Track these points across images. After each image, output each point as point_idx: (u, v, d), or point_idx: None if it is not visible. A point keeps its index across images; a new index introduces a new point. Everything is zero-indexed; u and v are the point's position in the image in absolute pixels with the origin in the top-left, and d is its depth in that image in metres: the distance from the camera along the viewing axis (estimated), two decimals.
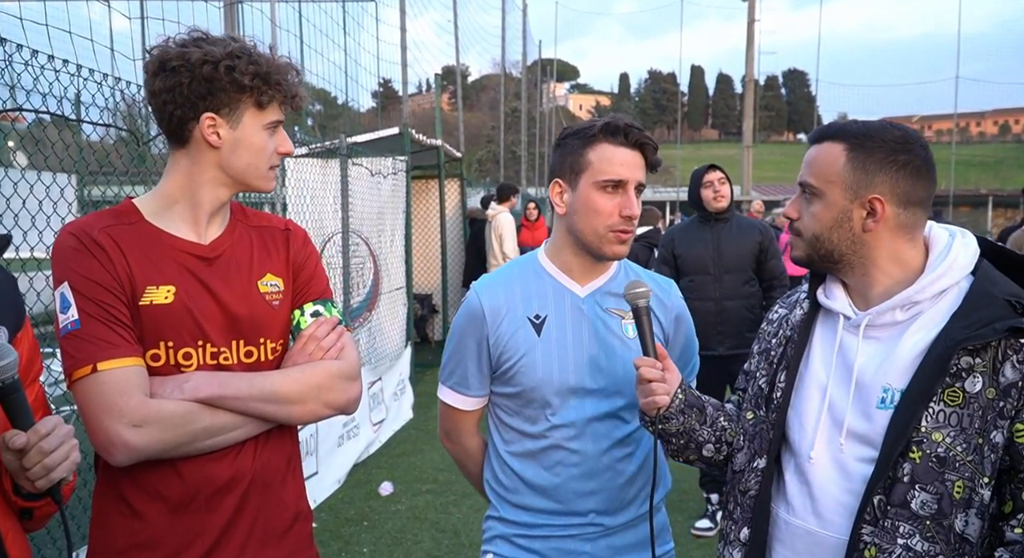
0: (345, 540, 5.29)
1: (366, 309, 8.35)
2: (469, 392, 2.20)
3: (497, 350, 2.13)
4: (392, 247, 9.29)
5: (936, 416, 1.60)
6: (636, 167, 2.06)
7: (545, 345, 2.10)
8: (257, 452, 1.86)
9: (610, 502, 2.12)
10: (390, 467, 6.77)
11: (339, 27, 10.95)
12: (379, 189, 8.74)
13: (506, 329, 2.12)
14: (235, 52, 1.77)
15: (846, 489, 1.69)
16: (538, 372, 2.09)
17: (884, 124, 1.74)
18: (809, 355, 1.83)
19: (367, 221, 8.37)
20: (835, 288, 1.82)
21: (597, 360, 2.10)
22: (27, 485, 1.48)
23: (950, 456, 1.59)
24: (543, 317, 2.12)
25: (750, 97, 41.63)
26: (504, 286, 2.18)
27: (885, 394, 1.66)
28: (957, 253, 1.70)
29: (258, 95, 1.79)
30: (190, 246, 1.84)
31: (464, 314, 2.19)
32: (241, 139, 1.82)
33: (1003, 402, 1.58)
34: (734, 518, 1.88)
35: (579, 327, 2.12)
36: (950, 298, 1.67)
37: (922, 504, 1.60)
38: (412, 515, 5.72)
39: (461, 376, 2.19)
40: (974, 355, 1.60)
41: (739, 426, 1.96)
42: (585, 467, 2.09)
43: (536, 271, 2.19)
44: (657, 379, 1.89)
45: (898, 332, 1.70)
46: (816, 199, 1.75)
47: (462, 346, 2.18)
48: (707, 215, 5.20)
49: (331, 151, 7.57)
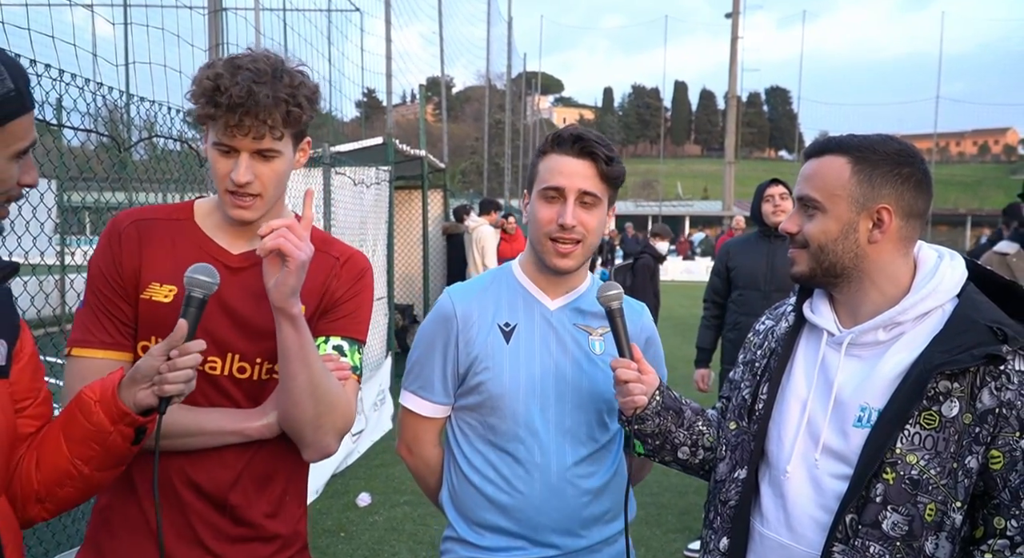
0: (322, 551, 5.24)
1: None
2: (433, 398, 2.15)
3: (466, 355, 2.09)
4: (374, 257, 9.25)
5: (912, 438, 1.61)
6: (579, 176, 2.01)
7: (513, 353, 2.08)
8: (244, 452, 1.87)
9: (571, 522, 2.07)
10: (368, 478, 6.73)
11: (323, 36, 10.95)
12: (362, 199, 8.71)
13: (476, 334, 2.09)
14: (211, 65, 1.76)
15: (819, 505, 1.70)
16: (504, 379, 2.06)
17: (883, 137, 1.74)
18: (792, 368, 1.83)
19: (349, 230, 8.35)
20: (821, 304, 1.83)
21: (563, 372, 2.08)
22: (155, 391, 1.54)
23: (923, 479, 1.59)
24: (513, 325, 2.10)
25: (733, 113, 41.96)
26: (478, 293, 2.16)
27: (862, 413, 1.67)
28: (943, 275, 1.70)
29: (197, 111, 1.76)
30: (218, 252, 1.86)
31: (434, 317, 2.16)
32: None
33: (979, 428, 1.59)
34: (714, 527, 1.88)
35: (547, 339, 2.10)
36: (933, 320, 1.68)
37: (893, 525, 1.60)
38: (390, 526, 5.69)
39: (426, 380, 2.15)
40: (952, 379, 1.60)
41: (718, 432, 1.96)
42: (546, 483, 2.05)
43: (509, 282, 2.17)
44: (633, 379, 1.89)
45: (879, 352, 1.70)
46: (818, 213, 1.73)
47: (430, 349, 2.14)
48: (767, 230, 5.05)
49: (314, 160, 7.54)
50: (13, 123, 1.39)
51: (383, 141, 9.65)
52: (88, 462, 1.56)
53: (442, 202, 12.93)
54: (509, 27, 29.29)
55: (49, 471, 1.56)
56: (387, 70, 11.86)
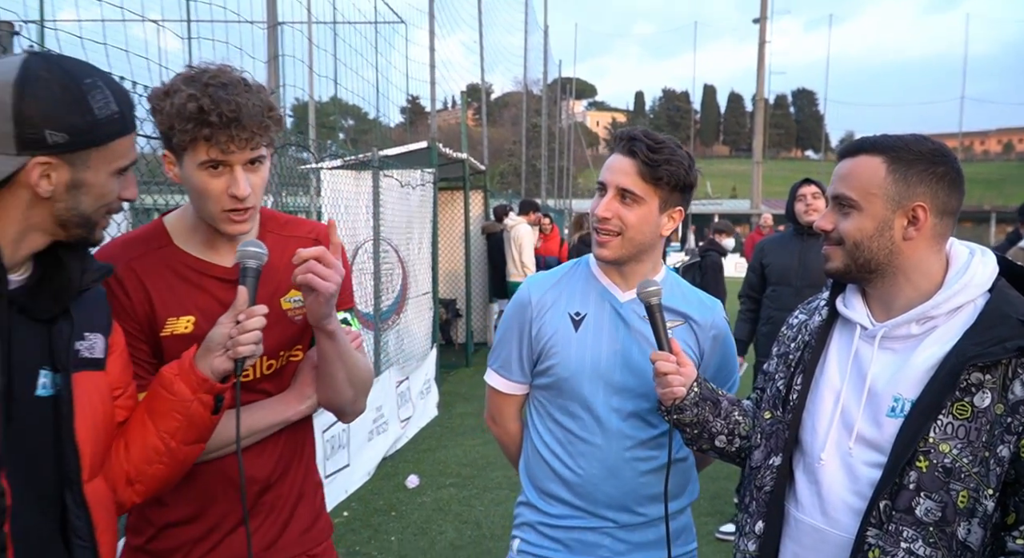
0: (374, 528, 5.31)
1: (395, 312, 8.38)
2: (511, 377, 2.22)
3: (538, 340, 2.15)
4: (419, 254, 9.32)
5: (944, 428, 1.58)
6: (620, 172, 2.03)
7: (581, 340, 2.11)
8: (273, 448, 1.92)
9: (628, 500, 2.11)
10: (416, 461, 6.78)
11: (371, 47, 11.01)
12: (408, 199, 8.78)
13: (548, 321, 2.14)
14: (168, 92, 1.68)
15: (853, 491, 1.68)
16: (572, 365, 2.09)
17: (917, 137, 1.71)
18: (825, 361, 1.81)
19: (396, 230, 8.42)
20: (854, 299, 1.80)
21: (628, 361, 2.09)
22: (229, 355, 1.60)
23: (956, 467, 1.57)
24: (583, 315, 2.13)
25: (760, 115, 41.50)
26: (553, 283, 2.20)
27: (896, 403, 1.65)
28: (975, 271, 1.67)
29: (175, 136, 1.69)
30: (213, 269, 1.83)
31: (514, 303, 2.23)
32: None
33: (1011, 418, 1.56)
34: (749, 511, 1.87)
35: (615, 329, 2.11)
36: (965, 314, 1.65)
37: (926, 511, 1.58)
38: (437, 507, 5.73)
39: (505, 360, 2.23)
40: (984, 371, 1.57)
41: (754, 422, 1.95)
42: (608, 463, 2.09)
43: (585, 274, 2.20)
44: (672, 372, 1.89)
45: (912, 345, 1.68)
46: (854, 211, 1.70)
47: (509, 333, 2.22)
48: (800, 228, 5.02)
49: (363, 163, 7.61)
50: (116, 142, 1.43)
51: (427, 145, 9.69)
52: (174, 435, 1.60)
53: (482, 202, 12.95)
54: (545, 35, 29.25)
55: (138, 450, 1.60)
56: (431, 78, 11.94)
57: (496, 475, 6.42)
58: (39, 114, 1.33)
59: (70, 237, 1.47)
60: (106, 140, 1.41)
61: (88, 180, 1.42)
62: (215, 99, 1.63)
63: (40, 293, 1.46)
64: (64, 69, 1.38)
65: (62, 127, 1.35)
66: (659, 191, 2.03)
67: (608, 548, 2.12)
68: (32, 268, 1.47)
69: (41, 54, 1.42)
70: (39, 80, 1.34)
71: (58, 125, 1.35)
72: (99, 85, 1.40)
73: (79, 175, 1.41)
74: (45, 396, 1.44)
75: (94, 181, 1.43)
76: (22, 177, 1.36)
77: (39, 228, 1.43)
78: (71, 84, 1.37)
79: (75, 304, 1.50)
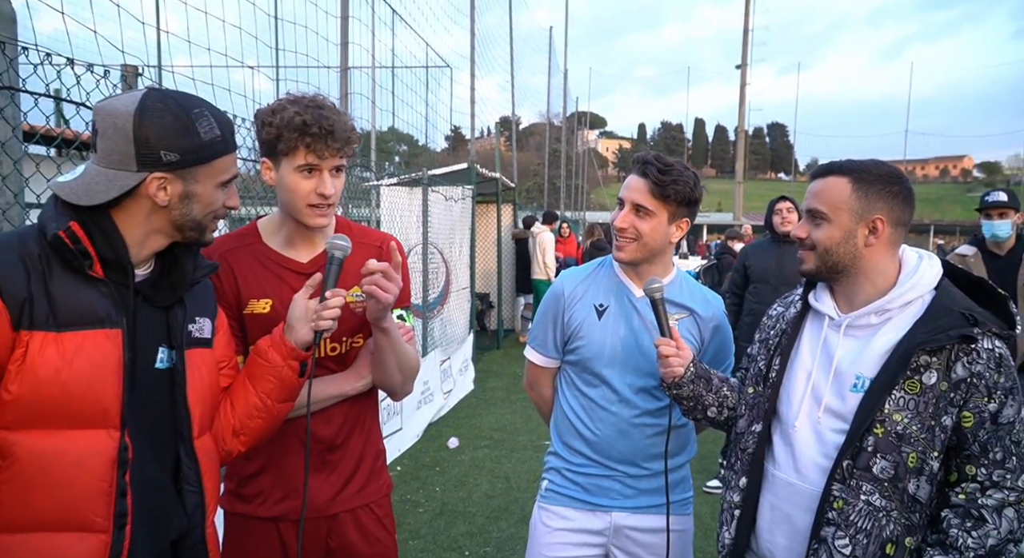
0: (422, 481, 5.34)
1: (440, 304, 8.43)
2: (546, 353, 2.25)
3: (568, 326, 2.17)
4: (460, 256, 9.34)
5: (897, 401, 1.58)
6: (635, 190, 2.04)
7: (603, 328, 2.12)
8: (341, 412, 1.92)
9: (636, 456, 2.12)
10: (456, 426, 6.80)
11: (422, 85, 11.05)
12: (451, 211, 8.80)
13: (577, 310, 2.16)
14: (274, 109, 1.73)
15: (821, 453, 1.68)
16: (595, 347, 2.11)
17: (876, 162, 1.70)
18: (799, 345, 1.81)
19: (441, 236, 8.45)
20: (824, 294, 1.80)
21: (640, 345, 2.10)
22: (314, 326, 1.63)
23: (907, 433, 1.57)
24: (605, 306, 2.14)
25: (741, 143, 41.08)
26: (583, 279, 2.21)
27: (857, 380, 1.65)
28: (923, 272, 1.67)
29: (281, 143, 1.73)
30: (291, 263, 1.85)
31: (551, 293, 2.24)
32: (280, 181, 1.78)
33: (953, 393, 1.56)
34: (735, 469, 1.87)
35: (631, 319, 2.12)
36: (915, 307, 1.65)
37: (882, 469, 1.58)
38: (473, 464, 5.74)
39: (542, 340, 2.25)
40: (931, 355, 1.57)
41: (739, 396, 1.95)
42: (621, 427, 2.11)
43: (608, 272, 2.20)
44: (673, 355, 1.89)
45: (871, 332, 1.68)
46: (824, 222, 1.70)
47: (545, 317, 2.23)
48: (776, 236, 5.02)
49: (415, 181, 7.65)
50: (219, 160, 1.45)
51: (467, 166, 9.70)
52: (269, 395, 1.63)
53: (512, 213, 12.93)
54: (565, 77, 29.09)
55: (241, 407, 1.63)
56: (471, 111, 11.94)
57: (522, 438, 6.42)
58: (155, 138, 1.35)
59: (185, 239, 1.49)
60: (211, 158, 1.43)
61: (197, 192, 1.44)
62: (315, 115, 1.69)
63: (160, 285, 1.49)
64: (175, 101, 1.40)
65: (174, 148, 1.37)
66: (668, 206, 2.03)
67: (618, 492, 2.14)
68: (154, 265, 1.50)
69: (157, 89, 1.44)
70: (155, 110, 1.36)
71: (171, 146, 1.37)
72: (205, 114, 1.42)
73: (190, 188, 1.43)
74: (163, 369, 1.47)
75: (202, 192, 1.44)
76: (143, 189, 1.39)
77: (159, 231, 1.45)
78: (181, 113, 1.38)
79: (188, 294, 1.53)
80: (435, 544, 4.30)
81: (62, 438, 1.32)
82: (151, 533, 1.42)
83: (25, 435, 1.30)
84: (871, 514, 1.58)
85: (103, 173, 1.37)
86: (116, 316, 1.37)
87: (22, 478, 1.30)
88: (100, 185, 1.36)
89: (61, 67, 2.32)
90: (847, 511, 1.60)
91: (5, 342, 1.29)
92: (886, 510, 1.58)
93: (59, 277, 1.34)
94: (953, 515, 1.56)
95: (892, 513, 1.58)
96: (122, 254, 1.40)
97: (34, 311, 1.30)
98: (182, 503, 1.49)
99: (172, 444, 1.48)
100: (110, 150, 1.36)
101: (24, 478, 1.30)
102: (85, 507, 1.33)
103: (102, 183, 1.36)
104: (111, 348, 1.36)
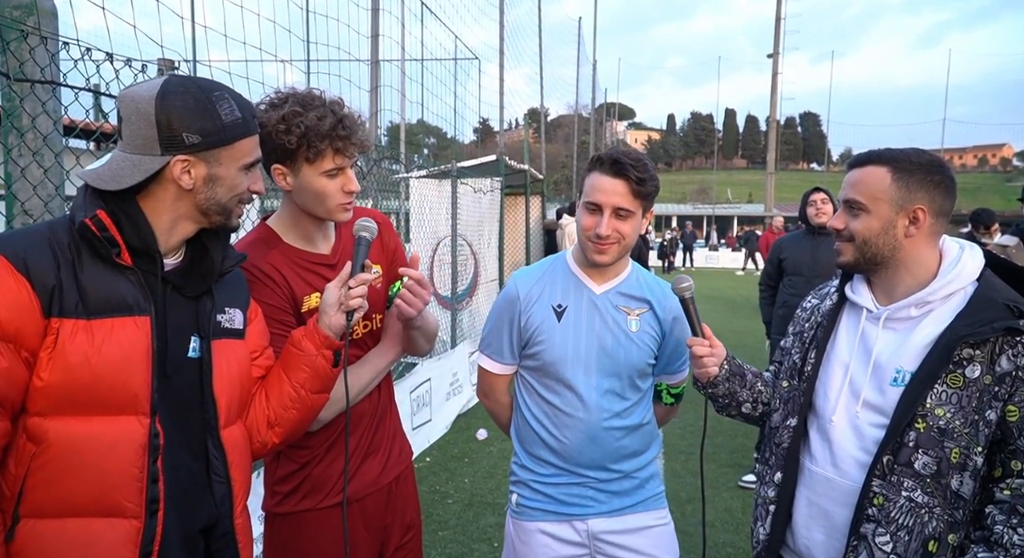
0: (451, 472, 5.36)
1: (468, 295, 8.44)
2: (501, 360, 2.15)
3: (526, 329, 2.08)
4: (489, 248, 9.35)
5: (939, 395, 1.54)
6: (614, 194, 1.93)
7: (563, 329, 2.04)
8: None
9: (606, 460, 2.07)
10: (485, 418, 6.81)
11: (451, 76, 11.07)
12: (480, 203, 8.81)
13: (534, 313, 2.07)
14: (287, 116, 1.70)
15: (860, 447, 1.65)
16: (555, 351, 2.03)
17: (916, 150, 1.65)
18: (835, 338, 1.77)
19: (470, 227, 8.46)
20: (861, 286, 1.76)
21: (604, 346, 2.03)
22: (342, 308, 1.65)
23: (949, 428, 1.53)
24: (564, 306, 2.06)
25: (773, 133, 40.48)
26: (537, 279, 2.12)
27: (898, 374, 1.61)
28: (966, 263, 1.63)
29: (306, 151, 1.72)
30: (319, 257, 1.87)
31: (503, 297, 2.15)
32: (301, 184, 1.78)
33: (998, 387, 1.52)
34: (769, 464, 1.85)
35: (592, 318, 2.05)
36: (957, 299, 1.61)
37: (924, 465, 1.55)
38: (502, 455, 5.75)
39: (497, 347, 2.15)
40: (975, 348, 1.53)
41: (773, 391, 1.92)
42: (589, 433, 2.04)
43: (563, 270, 2.12)
44: (707, 354, 1.86)
45: (912, 325, 1.64)
46: (863, 213, 1.66)
47: (500, 321, 2.13)
48: (811, 228, 4.92)
49: (444, 173, 7.67)
50: (240, 142, 1.46)
51: (496, 158, 9.70)
52: (303, 385, 1.63)
53: (540, 205, 12.92)
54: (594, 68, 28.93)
55: (276, 398, 1.63)
56: (500, 103, 11.93)
57: None
58: (176, 120, 1.37)
59: (212, 224, 1.50)
60: (232, 140, 1.44)
61: (221, 174, 1.45)
62: (339, 117, 1.70)
63: (190, 274, 1.50)
64: (196, 84, 1.41)
65: (195, 130, 1.39)
66: (644, 202, 1.98)
67: (591, 498, 2.08)
68: (183, 254, 1.52)
69: (178, 75, 1.46)
70: (176, 93, 1.38)
71: (192, 128, 1.38)
72: (225, 96, 1.43)
73: (213, 170, 1.44)
74: (195, 358, 1.48)
75: (226, 175, 1.46)
76: (168, 173, 1.41)
77: (186, 217, 1.46)
78: (201, 96, 1.40)
79: (219, 285, 1.54)
80: (464, 535, 4.32)
81: (94, 424, 1.34)
82: (183, 520, 1.44)
83: (58, 421, 1.32)
84: (913, 510, 1.55)
85: (128, 158, 1.39)
86: (144, 303, 1.39)
87: (56, 464, 1.32)
88: (126, 170, 1.38)
89: (100, 62, 2.36)
90: (888, 507, 1.57)
91: (37, 329, 1.31)
92: (928, 506, 1.54)
93: (88, 265, 1.36)
94: (998, 511, 1.53)
95: (935, 510, 1.55)
96: (150, 242, 1.41)
97: (64, 299, 1.32)
98: (211, 493, 1.50)
99: (201, 433, 1.49)
100: (134, 135, 1.39)
101: (58, 464, 1.32)
102: (117, 493, 1.34)
103: (127, 168, 1.38)
104: (140, 336, 1.37)
